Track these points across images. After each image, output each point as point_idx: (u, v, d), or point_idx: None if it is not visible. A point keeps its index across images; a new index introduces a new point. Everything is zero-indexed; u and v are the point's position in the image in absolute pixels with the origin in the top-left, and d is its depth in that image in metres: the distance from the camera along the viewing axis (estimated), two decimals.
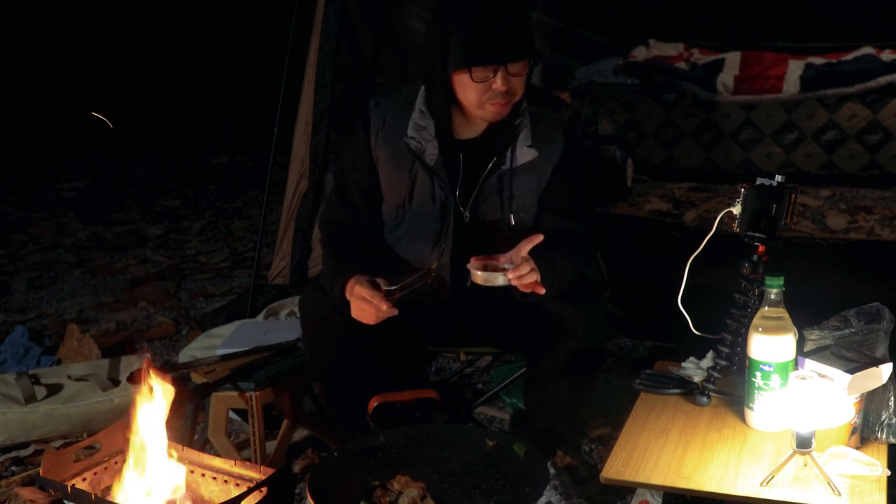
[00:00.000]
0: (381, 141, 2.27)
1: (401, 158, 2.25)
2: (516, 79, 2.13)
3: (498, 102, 2.14)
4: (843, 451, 1.77)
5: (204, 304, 3.95)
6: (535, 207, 2.29)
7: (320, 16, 3.57)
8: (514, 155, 2.23)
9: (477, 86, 2.12)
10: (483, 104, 2.15)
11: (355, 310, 2.16)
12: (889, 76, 4.91)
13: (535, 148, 2.23)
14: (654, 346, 3.20)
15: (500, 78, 2.10)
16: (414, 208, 2.28)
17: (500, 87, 2.11)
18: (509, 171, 2.24)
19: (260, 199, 5.36)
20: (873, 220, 4.57)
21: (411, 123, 2.23)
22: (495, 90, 2.11)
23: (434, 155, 2.23)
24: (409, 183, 2.26)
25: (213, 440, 2.45)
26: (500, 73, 2.10)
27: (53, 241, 5.11)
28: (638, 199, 5.08)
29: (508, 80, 2.11)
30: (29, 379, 2.83)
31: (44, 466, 1.96)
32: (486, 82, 2.11)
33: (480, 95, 2.13)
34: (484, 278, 2.09)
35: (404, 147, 2.23)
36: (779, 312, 1.86)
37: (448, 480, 1.91)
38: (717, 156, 5.27)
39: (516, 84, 2.14)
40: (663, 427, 1.94)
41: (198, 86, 8.41)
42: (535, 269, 2.09)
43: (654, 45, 5.57)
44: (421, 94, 2.24)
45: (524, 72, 2.14)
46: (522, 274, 2.06)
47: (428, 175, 2.24)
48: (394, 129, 2.25)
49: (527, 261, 2.08)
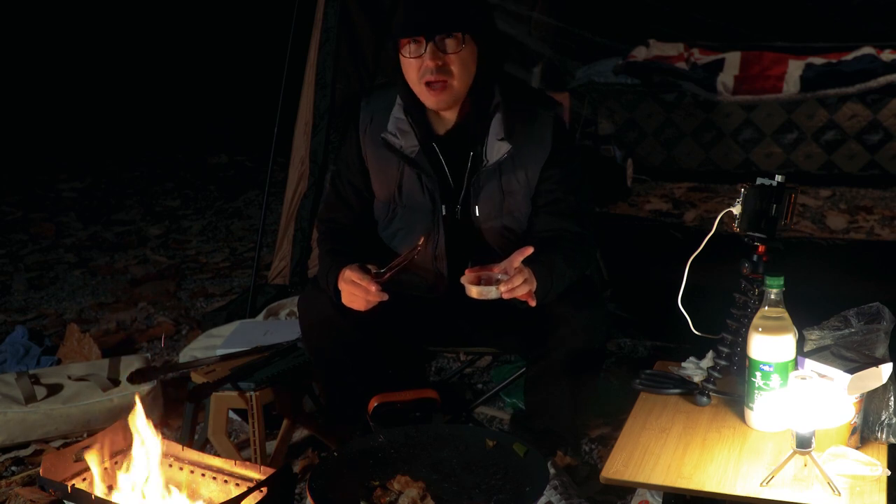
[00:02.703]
0: (368, 138, 2.29)
1: (386, 156, 2.27)
2: (452, 56, 2.12)
3: (430, 84, 2.13)
4: (843, 451, 1.77)
5: (204, 304, 3.95)
6: (529, 206, 2.29)
7: (320, 16, 3.57)
8: (486, 150, 2.23)
9: (411, 62, 2.14)
10: (421, 86, 2.15)
11: (346, 295, 2.17)
12: (889, 76, 4.92)
13: (507, 141, 2.21)
14: (654, 346, 3.20)
15: (429, 52, 2.10)
16: (404, 203, 2.29)
17: (428, 61, 2.11)
18: (488, 167, 2.23)
19: (260, 199, 5.36)
20: (873, 220, 4.58)
21: (391, 119, 2.26)
22: (426, 67, 2.12)
23: (414, 148, 2.25)
24: (397, 178, 2.27)
25: (213, 440, 2.45)
26: (430, 48, 2.10)
27: (53, 241, 5.11)
28: (638, 199, 5.09)
29: (439, 56, 2.11)
30: (29, 379, 2.83)
31: (44, 466, 1.96)
32: (418, 58, 2.12)
33: (416, 73, 2.15)
34: (478, 292, 2.08)
35: (383, 142, 2.25)
36: (779, 312, 1.86)
37: (448, 480, 1.91)
38: (717, 156, 5.27)
39: (451, 64, 2.13)
40: (663, 427, 1.94)
41: (198, 86, 8.41)
42: (529, 279, 2.07)
43: (654, 45, 5.58)
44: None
45: (458, 49, 2.13)
46: (515, 286, 2.05)
47: (413, 169, 2.25)
48: (378, 126, 2.27)
49: (520, 272, 2.07)
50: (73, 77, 8.42)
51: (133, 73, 8.49)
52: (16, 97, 8.06)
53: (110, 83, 8.45)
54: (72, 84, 8.40)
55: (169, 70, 8.53)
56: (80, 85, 8.40)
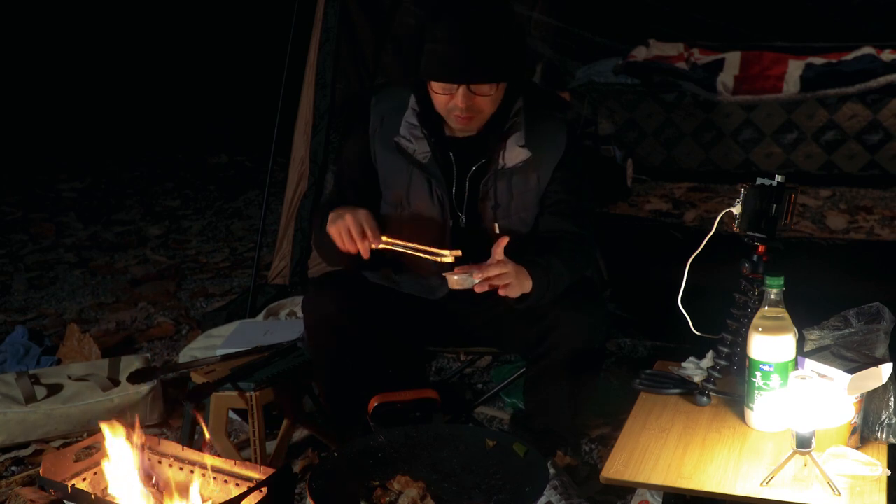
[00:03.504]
0: (378, 139, 2.28)
1: (396, 157, 2.26)
2: (482, 98, 2.11)
3: (458, 117, 2.13)
4: (843, 451, 1.77)
5: (204, 304, 3.95)
6: (537, 208, 2.29)
7: (320, 16, 3.57)
8: (504, 155, 2.23)
9: (439, 96, 2.12)
10: (448, 115, 2.15)
11: (338, 224, 2.12)
12: (889, 76, 4.92)
13: (528, 148, 2.22)
14: (654, 346, 3.20)
15: (460, 95, 2.09)
16: (412, 208, 2.28)
17: (459, 103, 2.10)
18: (503, 171, 2.23)
19: (260, 199, 5.36)
20: (873, 220, 4.58)
21: (404, 122, 2.24)
22: (455, 105, 2.11)
23: (426, 153, 2.24)
24: (406, 182, 2.26)
25: (213, 440, 2.45)
26: (461, 91, 2.08)
27: (53, 241, 5.11)
28: (638, 199, 5.09)
29: (471, 98, 2.10)
30: (29, 379, 2.83)
31: (44, 466, 1.96)
32: (448, 95, 2.11)
33: (444, 106, 2.14)
34: (456, 281, 2.08)
35: (395, 146, 2.24)
36: (779, 312, 1.86)
37: (448, 480, 1.91)
38: (717, 156, 5.27)
39: (481, 103, 2.12)
40: (663, 427, 1.94)
41: (198, 86, 8.41)
42: (510, 273, 2.06)
43: (654, 45, 5.58)
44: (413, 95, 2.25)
45: (491, 93, 2.11)
46: (489, 275, 2.05)
47: (423, 174, 2.24)
48: (389, 128, 2.26)
49: (499, 264, 2.07)
50: (74, 77, 8.42)
51: (133, 73, 8.49)
52: (16, 97, 8.05)
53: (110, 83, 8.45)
54: (72, 84, 8.40)
55: (169, 70, 8.52)
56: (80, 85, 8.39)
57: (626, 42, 5.43)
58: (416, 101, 2.23)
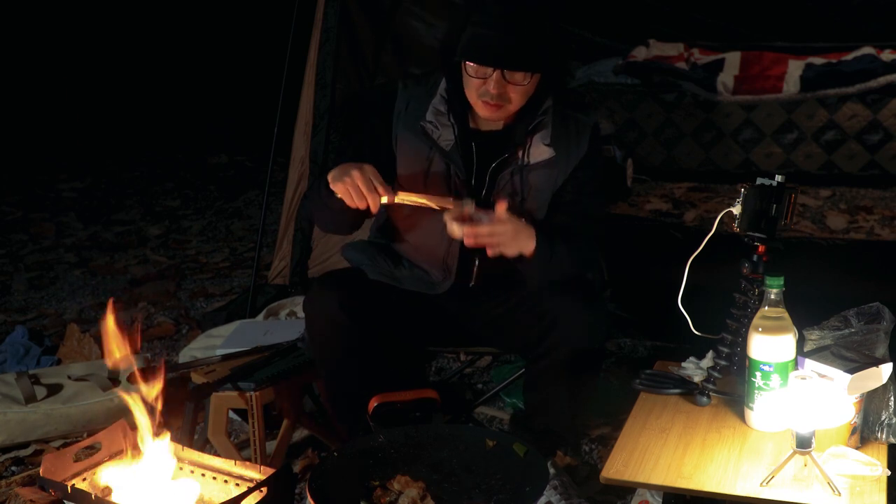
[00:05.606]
0: (401, 123, 2.28)
1: (418, 143, 2.26)
2: (514, 87, 2.13)
3: (487, 102, 2.14)
4: (843, 451, 1.77)
5: (204, 304, 3.95)
6: (549, 207, 2.30)
7: (320, 16, 3.57)
8: (529, 151, 2.24)
9: (472, 80, 2.14)
10: (477, 99, 2.16)
11: (345, 180, 2.07)
12: (889, 76, 4.91)
13: (552, 147, 2.23)
14: (654, 346, 3.20)
15: (494, 80, 2.11)
16: (428, 192, 2.27)
17: (491, 89, 2.12)
18: (523, 168, 2.24)
19: (260, 199, 5.36)
20: (873, 220, 4.57)
21: (431, 108, 2.25)
22: (487, 90, 2.12)
23: (450, 141, 2.24)
24: (425, 168, 2.26)
25: (213, 440, 2.45)
26: (496, 76, 2.10)
27: (53, 241, 5.11)
28: (638, 199, 5.08)
29: (503, 85, 2.11)
30: (29, 379, 2.83)
31: (44, 466, 1.96)
32: (481, 79, 2.12)
33: (475, 90, 2.15)
34: (458, 228, 2.07)
35: (420, 130, 2.24)
36: (779, 312, 1.86)
37: (448, 480, 1.91)
38: (717, 156, 5.27)
39: (512, 92, 2.14)
40: (663, 427, 1.94)
41: (198, 86, 8.41)
42: (506, 230, 2.08)
43: (654, 45, 5.57)
44: (444, 82, 2.26)
45: (524, 82, 2.13)
46: (481, 232, 2.05)
47: (444, 161, 2.24)
48: (415, 113, 2.26)
49: (496, 222, 2.07)
50: (73, 77, 8.42)
51: (133, 73, 8.48)
52: (16, 97, 8.05)
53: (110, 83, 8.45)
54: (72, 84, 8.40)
55: (169, 70, 8.52)
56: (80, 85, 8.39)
57: (626, 42, 5.43)
58: (445, 89, 2.24)
